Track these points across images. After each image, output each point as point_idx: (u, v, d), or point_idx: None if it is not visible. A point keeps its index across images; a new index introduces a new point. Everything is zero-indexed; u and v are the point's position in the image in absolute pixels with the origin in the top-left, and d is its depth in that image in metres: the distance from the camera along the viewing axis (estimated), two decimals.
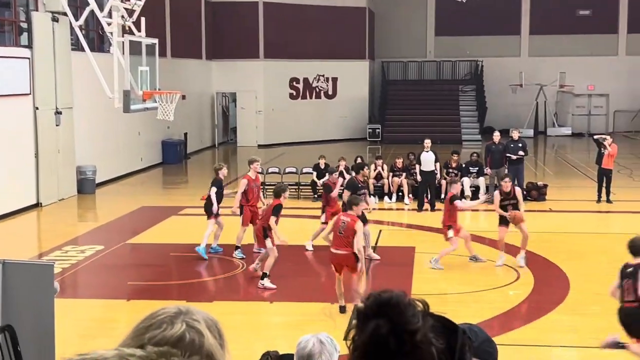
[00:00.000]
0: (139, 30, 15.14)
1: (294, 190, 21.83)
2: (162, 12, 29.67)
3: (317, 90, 37.99)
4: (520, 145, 20.77)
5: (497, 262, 13.95)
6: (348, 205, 11.65)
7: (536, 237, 14.05)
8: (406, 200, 20.70)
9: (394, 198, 20.99)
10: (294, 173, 22.16)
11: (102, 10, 15.02)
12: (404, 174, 21.00)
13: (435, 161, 19.99)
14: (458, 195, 14.59)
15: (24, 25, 20.59)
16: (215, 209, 14.93)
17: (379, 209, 19.96)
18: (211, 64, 35.69)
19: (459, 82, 40.60)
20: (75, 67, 21.28)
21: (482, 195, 17.26)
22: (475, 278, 13.41)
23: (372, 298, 1.59)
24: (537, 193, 20.54)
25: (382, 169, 21.39)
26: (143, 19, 15.17)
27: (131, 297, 12.37)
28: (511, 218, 13.87)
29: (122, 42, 14.55)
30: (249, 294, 13.35)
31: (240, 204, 14.76)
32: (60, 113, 21.07)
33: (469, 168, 21.22)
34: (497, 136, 21.15)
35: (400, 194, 21.01)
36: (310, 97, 37.75)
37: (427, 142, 19.98)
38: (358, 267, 11.17)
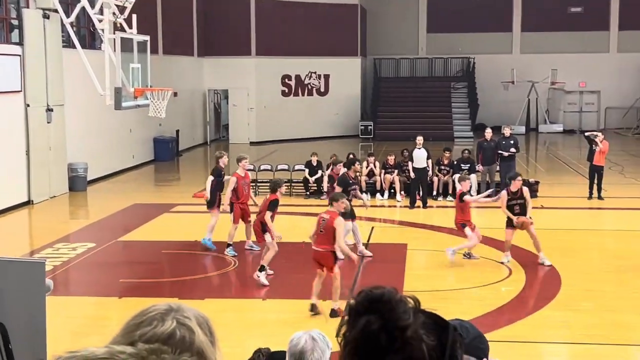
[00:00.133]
0: (130, 27, 15.11)
1: (286, 187, 21.82)
2: (154, 9, 29.61)
3: (309, 87, 37.98)
4: (512, 142, 20.80)
5: (504, 260, 13.88)
6: (329, 202, 11.58)
7: (527, 233, 14.07)
8: (398, 197, 20.72)
9: (386, 195, 21.01)
10: (286, 170, 22.15)
11: (93, 7, 15.00)
12: (396, 171, 21.02)
13: (428, 158, 20.01)
14: (468, 191, 14.54)
15: (14, 22, 20.52)
16: (207, 197, 15.07)
17: (371, 206, 19.97)
18: (203, 60, 35.63)
19: (450, 79, 40.65)
20: (67, 64, 21.22)
21: (489, 191, 17.09)
22: (467, 275, 13.43)
23: (363, 294, 1.59)
24: (528, 190, 20.54)
25: (374, 166, 21.41)
26: (134, 16, 15.15)
27: (123, 295, 12.35)
28: (518, 224, 13.83)
29: (114, 39, 14.54)
30: (241, 292, 13.36)
31: (230, 201, 14.78)
32: (52, 110, 21.02)
33: (461, 165, 21.25)
34: (488, 133, 21.19)
35: (392, 191, 21.03)
36: (302, 94, 37.74)
37: (419, 139, 19.99)
38: (335, 268, 11.01)
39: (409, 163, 20.14)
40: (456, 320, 2.04)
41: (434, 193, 20.77)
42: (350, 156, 20.00)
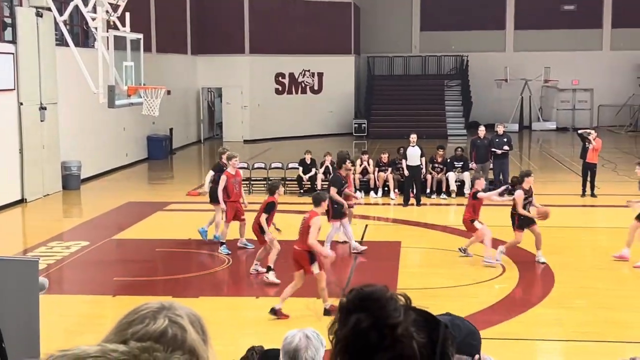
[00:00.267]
0: (124, 25, 15.08)
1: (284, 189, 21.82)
2: (147, 7, 29.57)
3: (303, 85, 37.97)
4: (505, 139, 20.85)
5: (497, 258, 13.85)
6: (313, 202, 11.52)
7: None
8: (392, 195, 20.74)
9: (380, 193, 21.03)
10: (280, 168, 22.14)
11: (86, 5, 14.96)
12: (390, 168, 21.04)
13: (421, 156, 20.02)
14: (481, 190, 14.49)
15: (8, 20, 20.47)
16: (205, 190, 15.37)
17: (365, 204, 20.00)
18: (196, 59, 35.59)
19: (444, 77, 40.66)
20: (60, 63, 21.17)
21: (502, 188, 16.85)
22: (460, 272, 13.45)
23: (354, 292, 1.60)
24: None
25: (368, 164, 21.43)
26: (128, 14, 15.12)
27: (117, 293, 12.34)
28: (542, 215, 13.77)
29: (107, 37, 14.51)
30: (235, 290, 13.37)
31: (222, 200, 14.80)
32: (45, 108, 20.98)
33: (454, 163, 21.28)
34: (482, 131, 21.23)
35: (386, 188, 21.05)
36: (296, 92, 37.72)
37: (413, 137, 20.00)
38: (314, 268, 10.82)
39: (403, 161, 20.15)
40: (447, 317, 2.05)
41: (428, 191, 20.79)
42: (343, 152, 19.99)
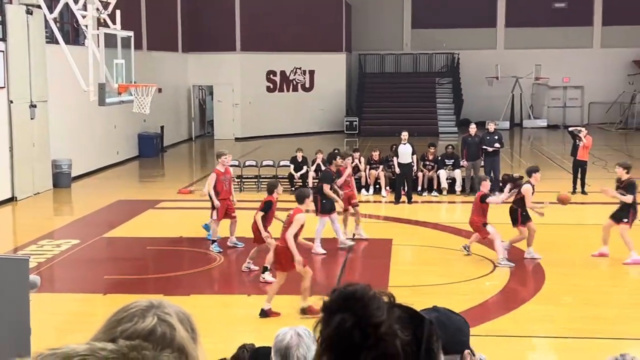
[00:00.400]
0: (114, 22, 15.04)
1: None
2: (138, 4, 29.50)
3: (294, 83, 37.95)
4: (496, 137, 20.88)
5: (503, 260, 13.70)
6: (296, 199, 11.46)
7: (510, 228, 14.14)
8: (383, 192, 20.76)
9: (371, 190, 21.05)
10: (271, 166, 22.13)
11: (76, 2, 14.89)
12: (381, 166, 21.06)
13: (412, 153, 20.05)
14: (488, 193, 14.45)
15: None
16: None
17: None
18: (187, 56, 35.53)
19: (435, 75, 40.70)
20: (50, 60, 21.11)
21: (506, 191, 16.54)
22: (451, 270, 13.47)
23: (337, 292, 1.60)
24: (512, 185, 20.59)
25: (359, 162, 21.43)
26: (118, 12, 15.07)
27: (108, 291, 12.32)
28: (563, 200, 13.84)
29: (97, 35, 14.46)
30: (226, 287, 13.36)
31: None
32: (35, 106, 20.91)
33: (445, 160, 21.31)
34: (473, 128, 21.26)
35: (377, 186, 21.06)
36: (288, 90, 37.70)
37: (404, 135, 20.02)
38: (297, 266, 10.68)
39: (394, 158, 20.17)
40: (434, 313, 2.04)
41: (419, 188, 20.82)
42: (335, 151, 20.00)
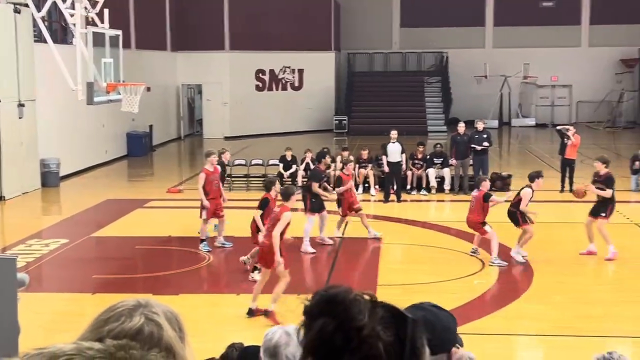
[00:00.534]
0: (102, 21, 15.00)
1: (260, 182, 21.80)
2: (126, 3, 29.40)
3: (283, 82, 37.92)
4: (485, 136, 20.92)
5: (520, 258, 13.74)
6: (282, 196, 11.42)
7: (499, 226, 14.17)
8: (372, 191, 20.76)
9: (360, 189, 21.03)
10: (261, 165, 22.12)
11: (64, 1, 14.83)
12: (370, 165, 21.07)
13: (402, 152, 20.07)
14: (491, 192, 14.40)
15: None
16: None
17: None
18: (176, 55, 35.45)
19: (424, 74, 40.76)
20: (38, 59, 21.02)
21: (508, 194, 16.44)
22: (440, 268, 13.50)
23: (317, 296, 1.59)
24: (501, 183, 20.70)
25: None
26: (106, 10, 15.03)
27: (97, 291, 12.29)
28: (579, 192, 13.91)
29: (85, 34, 14.42)
30: (215, 287, 13.35)
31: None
32: (23, 105, 20.83)
33: (434, 159, 21.34)
34: (461, 127, 21.30)
35: (366, 185, 21.06)
36: (277, 89, 37.68)
37: (394, 133, 20.04)
38: (279, 266, 10.67)
39: (383, 157, 20.18)
40: (420, 312, 2.04)
41: (408, 187, 20.85)
42: (324, 150, 20.06)
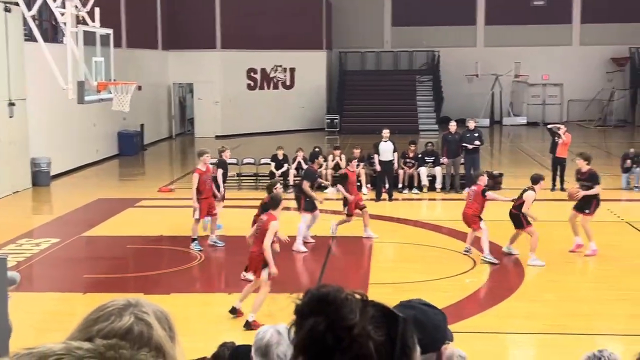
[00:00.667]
0: (93, 20, 14.96)
1: (252, 181, 21.80)
2: (117, 1, 29.34)
3: (275, 80, 37.90)
4: (476, 134, 20.95)
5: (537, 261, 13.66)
6: (270, 204, 11.30)
7: (491, 225, 14.21)
8: (364, 190, 20.75)
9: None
10: (252, 164, 22.10)
11: (55, 0, 14.79)
12: (362, 163, 21.06)
13: (394, 151, 20.08)
14: (487, 187, 14.44)
15: None
16: (222, 191, 15.75)
17: (337, 199, 20.00)
18: (167, 54, 35.39)
19: (416, 72, 40.80)
20: (29, 58, 20.95)
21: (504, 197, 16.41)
22: (431, 267, 13.51)
23: (308, 295, 1.59)
24: (492, 182, 20.70)
25: (340, 160, 21.43)
26: (97, 9, 14.99)
27: (87, 290, 12.26)
28: (573, 194, 13.96)
29: (76, 33, 14.37)
30: (207, 286, 13.33)
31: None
32: (14, 104, 20.76)
33: (425, 158, 21.36)
34: (453, 126, 21.32)
35: (358, 184, 21.03)
36: (268, 88, 37.66)
37: (386, 132, 20.05)
38: (263, 274, 10.60)
39: (375, 156, 20.19)
40: (410, 311, 2.04)
41: (400, 186, 20.86)
42: (316, 149, 20.09)
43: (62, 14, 14.62)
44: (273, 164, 21.45)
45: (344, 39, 41.43)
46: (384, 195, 19.96)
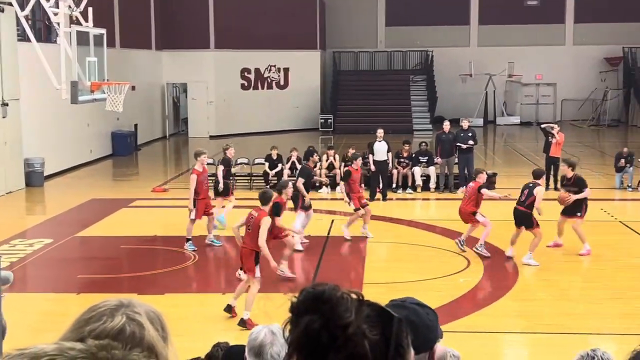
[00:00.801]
0: (87, 20, 14.93)
1: (246, 181, 21.79)
2: (110, 1, 29.29)
3: (269, 80, 37.90)
4: (470, 134, 20.97)
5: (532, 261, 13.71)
6: (260, 200, 11.37)
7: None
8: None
9: (341, 184, 21.02)
10: (246, 164, 22.08)
11: (48, 0, 14.76)
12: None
13: (388, 151, 20.09)
14: (485, 184, 14.57)
15: None
16: (220, 187, 15.94)
17: (332, 199, 20.04)
18: (161, 54, 35.36)
19: (409, 72, 40.83)
20: (22, 58, 20.91)
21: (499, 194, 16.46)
22: (426, 266, 13.53)
23: (304, 293, 1.59)
24: (487, 182, 20.74)
25: (334, 159, 21.44)
26: (90, 9, 14.96)
27: (81, 291, 12.24)
28: (564, 199, 13.99)
29: (69, 33, 14.35)
30: (201, 286, 13.32)
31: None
32: (7, 105, 20.71)
33: (419, 157, 21.37)
34: (447, 125, 21.33)
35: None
36: (262, 88, 37.65)
37: (380, 132, 20.06)
38: (256, 272, 10.66)
39: (370, 156, 20.19)
40: (403, 311, 2.05)
41: (394, 185, 20.87)
42: (310, 148, 20.11)
43: (56, 14, 14.59)
44: (267, 164, 21.43)
45: (338, 39, 41.44)
46: (378, 195, 19.96)
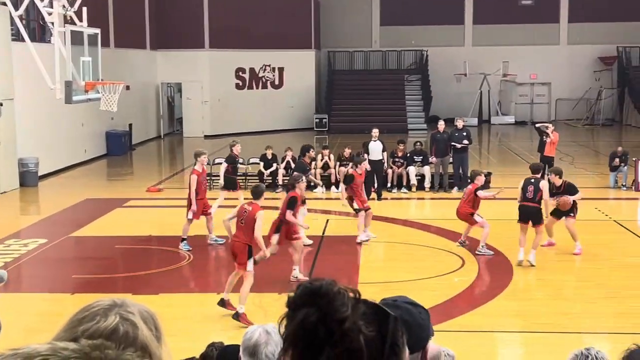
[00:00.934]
0: (81, 20, 14.91)
1: (241, 180, 21.75)
2: (105, 1, 29.26)
3: (264, 80, 37.89)
4: (465, 134, 20.99)
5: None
6: (253, 195, 11.33)
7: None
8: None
9: (341, 187, 21.03)
10: (241, 164, 22.02)
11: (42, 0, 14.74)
12: (351, 163, 21.06)
13: (383, 150, 20.09)
14: (481, 187, 14.60)
15: None
16: (221, 183, 16.26)
17: (326, 199, 20.05)
18: (156, 54, 35.32)
19: (404, 72, 40.85)
20: (16, 58, 20.87)
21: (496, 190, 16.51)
22: (420, 266, 13.54)
23: (302, 287, 1.60)
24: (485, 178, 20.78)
25: (329, 159, 21.44)
26: (85, 9, 14.95)
27: (76, 291, 12.22)
28: (561, 203, 14.01)
29: (64, 32, 14.32)
30: (196, 286, 13.31)
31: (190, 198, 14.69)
32: (1, 105, 20.67)
33: (414, 157, 21.39)
34: (441, 125, 21.36)
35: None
36: (257, 87, 37.63)
37: (375, 132, 20.06)
38: (249, 265, 10.67)
39: (365, 155, 20.17)
40: (397, 311, 2.05)
41: (389, 185, 20.88)
42: (306, 145, 20.06)
43: (50, 14, 14.56)
44: (262, 164, 21.43)
45: (332, 39, 41.45)
46: (373, 195, 19.96)
